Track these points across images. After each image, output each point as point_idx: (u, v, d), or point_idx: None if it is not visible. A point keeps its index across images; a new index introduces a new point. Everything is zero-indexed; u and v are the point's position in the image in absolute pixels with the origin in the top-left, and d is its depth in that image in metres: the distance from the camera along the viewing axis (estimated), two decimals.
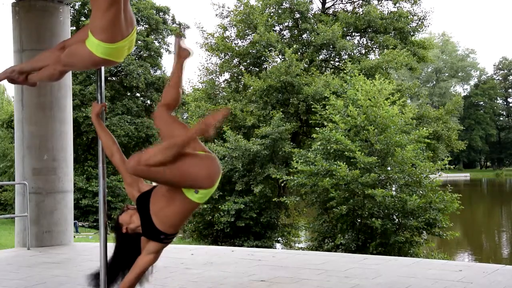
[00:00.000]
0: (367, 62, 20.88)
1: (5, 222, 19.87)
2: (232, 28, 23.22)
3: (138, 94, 25.66)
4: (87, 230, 21.03)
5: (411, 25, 23.60)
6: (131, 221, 3.31)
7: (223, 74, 23.07)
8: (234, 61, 22.84)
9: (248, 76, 20.63)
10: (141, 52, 25.56)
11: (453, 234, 14.27)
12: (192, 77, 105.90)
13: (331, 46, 21.86)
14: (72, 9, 23.60)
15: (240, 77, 22.58)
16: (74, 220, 13.84)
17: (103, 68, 3.56)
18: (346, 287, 5.06)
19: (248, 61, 22.63)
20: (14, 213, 10.52)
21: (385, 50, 21.76)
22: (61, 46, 3.44)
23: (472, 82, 79.42)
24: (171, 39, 26.41)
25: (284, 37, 24.04)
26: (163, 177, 3.09)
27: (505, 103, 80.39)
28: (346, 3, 25.11)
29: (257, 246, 16.90)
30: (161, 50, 26.37)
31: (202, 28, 23.12)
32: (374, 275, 5.51)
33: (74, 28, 21.46)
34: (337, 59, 23.77)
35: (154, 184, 3.31)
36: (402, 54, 20.81)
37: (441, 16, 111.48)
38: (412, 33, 23.89)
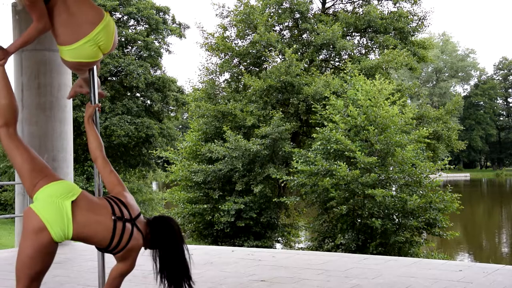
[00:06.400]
0: (367, 62, 20.85)
1: (5, 222, 19.88)
2: (232, 28, 23.19)
3: (138, 94, 25.65)
4: None
5: (411, 25, 23.56)
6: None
7: (223, 74, 23.02)
8: (234, 61, 22.81)
9: (248, 76, 20.60)
10: (141, 52, 25.56)
11: (453, 234, 14.28)
12: (192, 77, 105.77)
13: (331, 46, 21.84)
14: None
15: (240, 77, 22.54)
16: None
17: (95, 70, 3.55)
18: (346, 287, 5.05)
19: (248, 61, 22.60)
20: (14, 213, 10.52)
21: (385, 50, 21.73)
22: None
23: (472, 82, 79.46)
24: (171, 39, 26.39)
25: (284, 37, 24.02)
26: None
27: (505, 103, 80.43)
28: (346, 3, 25.09)
29: (257, 246, 16.90)
30: (161, 50, 26.36)
31: (202, 28, 23.10)
32: (374, 275, 5.50)
33: None
34: (337, 59, 23.74)
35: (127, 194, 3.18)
36: (402, 54, 20.79)
37: (441, 16, 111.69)
38: (412, 33, 23.85)
